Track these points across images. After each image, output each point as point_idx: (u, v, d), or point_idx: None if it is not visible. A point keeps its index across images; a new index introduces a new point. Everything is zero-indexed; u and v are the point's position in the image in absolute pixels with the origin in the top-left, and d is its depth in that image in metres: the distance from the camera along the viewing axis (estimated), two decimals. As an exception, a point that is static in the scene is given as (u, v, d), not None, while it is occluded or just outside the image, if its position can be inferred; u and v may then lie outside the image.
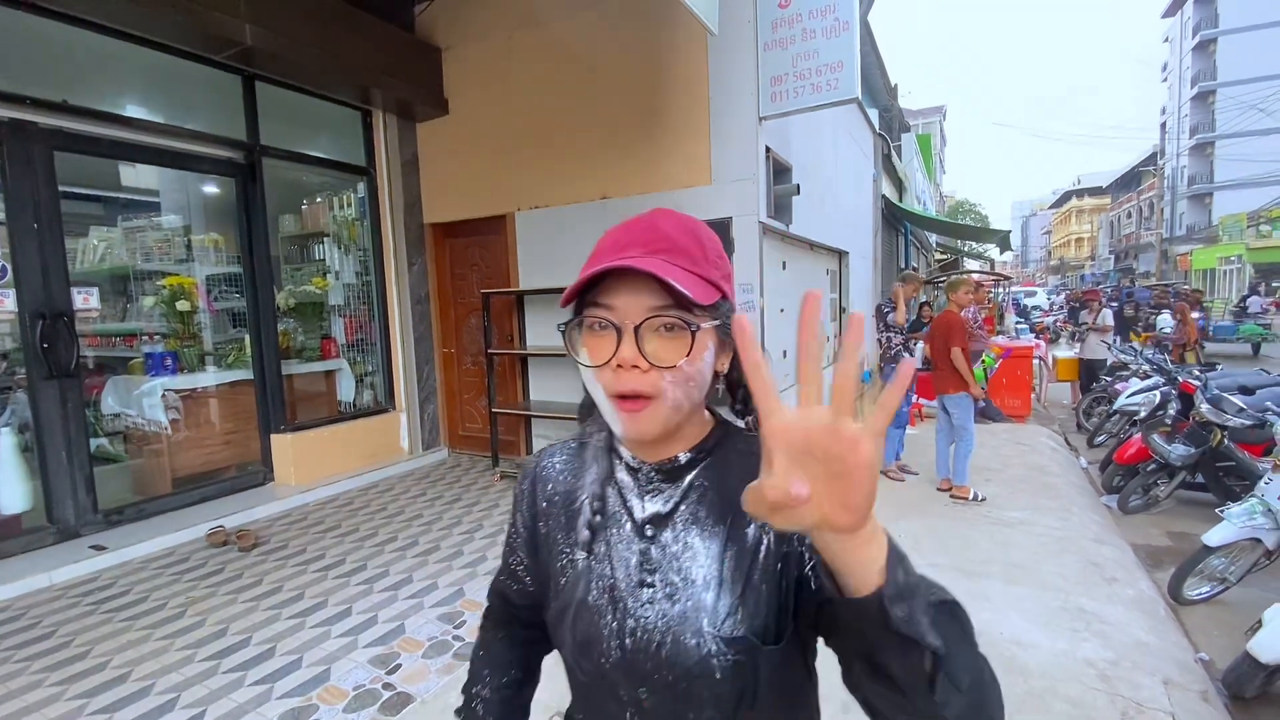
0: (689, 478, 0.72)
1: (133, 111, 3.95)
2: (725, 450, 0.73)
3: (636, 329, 0.63)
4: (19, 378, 3.57)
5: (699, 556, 0.68)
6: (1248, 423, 4.25)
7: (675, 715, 0.66)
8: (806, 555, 0.63)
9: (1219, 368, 6.28)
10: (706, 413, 0.76)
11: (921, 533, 4.01)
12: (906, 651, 0.47)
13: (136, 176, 4.61)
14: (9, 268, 3.43)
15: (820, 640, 0.66)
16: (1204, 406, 4.36)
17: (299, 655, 2.54)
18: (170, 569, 3.42)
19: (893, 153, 11.29)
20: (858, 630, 0.50)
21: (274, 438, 4.66)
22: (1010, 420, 7.25)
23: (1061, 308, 21.56)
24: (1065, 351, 10.52)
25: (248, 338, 4.62)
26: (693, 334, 0.63)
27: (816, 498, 0.43)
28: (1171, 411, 5.07)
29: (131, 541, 3.61)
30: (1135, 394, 5.95)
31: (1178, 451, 4.30)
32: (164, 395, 4.17)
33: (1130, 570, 3.52)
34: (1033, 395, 7.77)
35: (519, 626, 0.89)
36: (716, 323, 0.66)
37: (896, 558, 0.48)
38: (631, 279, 0.64)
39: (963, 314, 5.03)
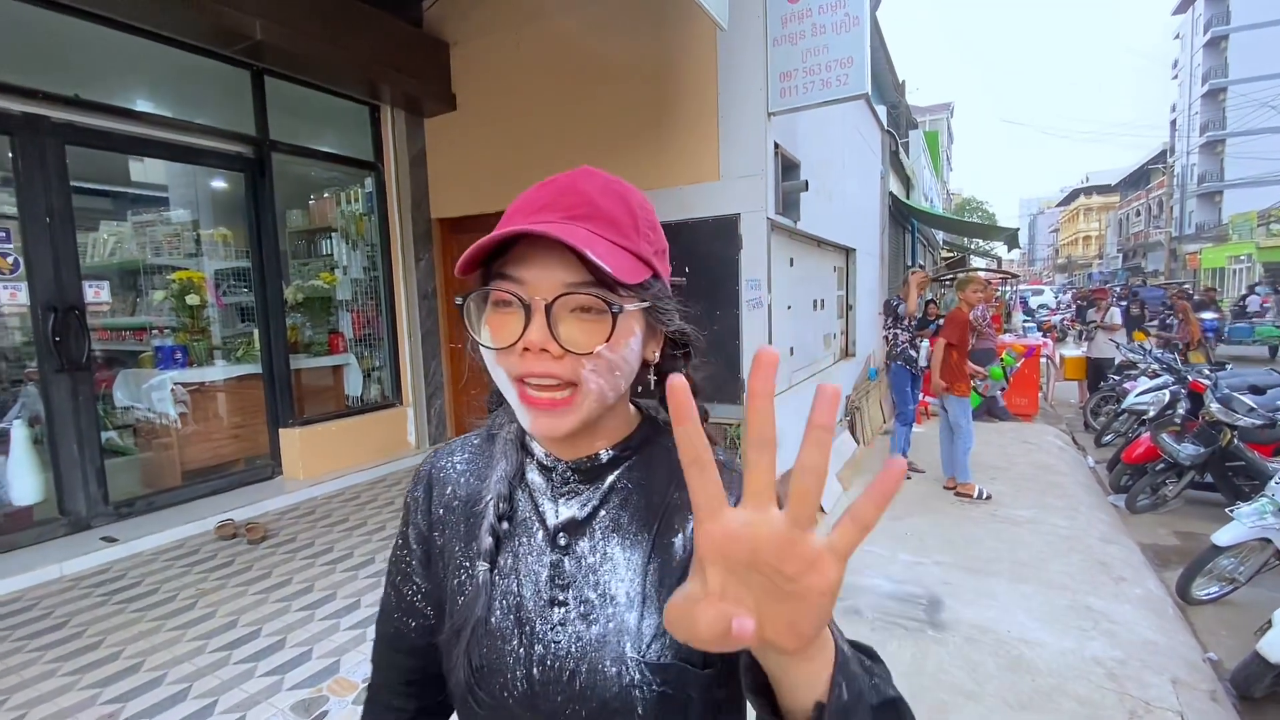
0: (610, 479, 0.63)
1: (143, 106, 3.97)
2: (651, 449, 0.65)
3: (548, 307, 0.53)
4: (30, 371, 3.60)
5: (619, 569, 0.59)
6: (1258, 422, 4.23)
7: None
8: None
9: (1228, 367, 6.25)
10: (631, 406, 0.67)
11: (927, 530, 4.01)
12: None
13: (145, 171, 4.62)
14: (21, 261, 3.46)
15: None
16: (1214, 406, 4.34)
17: (309, 647, 2.56)
18: (180, 561, 3.44)
19: (900, 149, 11.23)
20: None
21: (282, 432, 4.68)
22: (1017, 419, 7.23)
23: (1069, 306, 21.47)
24: (1073, 350, 10.47)
25: (256, 332, 4.65)
26: (614, 316, 0.54)
27: (758, 619, 0.35)
28: (1181, 411, 5.05)
29: (142, 534, 3.64)
30: (1144, 393, 5.92)
31: (1187, 451, 4.28)
32: (173, 389, 4.20)
33: (1138, 569, 3.51)
34: (1040, 394, 7.75)
35: (419, 694, 0.72)
36: (645, 305, 0.57)
37: (841, 668, 0.41)
38: (544, 248, 0.54)
39: (972, 312, 5.02)
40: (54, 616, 2.86)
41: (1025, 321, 13.08)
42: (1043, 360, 7.97)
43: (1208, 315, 12.19)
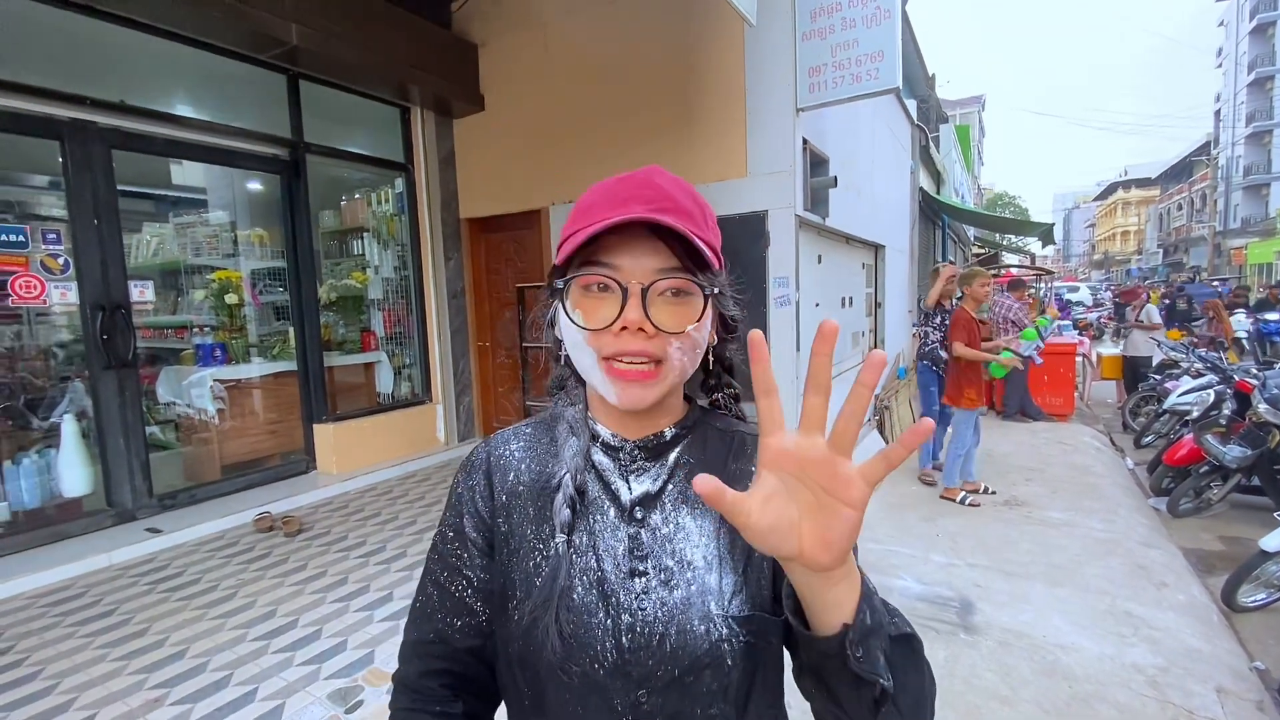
0: (674, 455, 0.68)
1: (185, 111, 4.09)
2: (705, 428, 0.71)
3: (644, 290, 0.58)
4: (77, 367, 3.73)
5: (693, 536, 0.64)
6: (1309, 424, 4.06)
7: (678, 718, 0.60)
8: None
9: (1277, 367, 6.01)
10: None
11: (959, 532, 3.94)
12: (859, 686, 0.49)
13: (185, 174, 4.76)
14: (71, 262, 3.59)
15: None
16: (1262, 406, 4.18)
17: (344, 638, 2.62)
18: (221, 552, 3.55)
19: (930, 144, 11.03)
20: (815, 661, 0.52)
21: (316, 427, 4.80)
22: (1052, 419, 7.05)
23: (1111, 302, 20.82)
24: (1110, 349, 10.18)
25: (291, 330, 4.76)
26: (706, 298, 0.61)
27: (798, 527, 0.45)
28: (1226, 411, 4.87)
29: (184, 525, 3.76)
30: (1186, 393, 5.73)
31: (1233, 453, 4.14)
32: (212, 385, 4.32)
33: (1180, 575, 3.40)
34: (1075, 393, 7.55)
35: (464, 697, 0.69)
36: (718, 291, 0.64)
37: (865, 598, 0.49)
38: (634, 238, 0.59)
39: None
40: (103, 604, 2.97)
41: (1061, 319, 12.71)
42: (1079, 359, 7.76)
43: (1272, 316, 11.53)
